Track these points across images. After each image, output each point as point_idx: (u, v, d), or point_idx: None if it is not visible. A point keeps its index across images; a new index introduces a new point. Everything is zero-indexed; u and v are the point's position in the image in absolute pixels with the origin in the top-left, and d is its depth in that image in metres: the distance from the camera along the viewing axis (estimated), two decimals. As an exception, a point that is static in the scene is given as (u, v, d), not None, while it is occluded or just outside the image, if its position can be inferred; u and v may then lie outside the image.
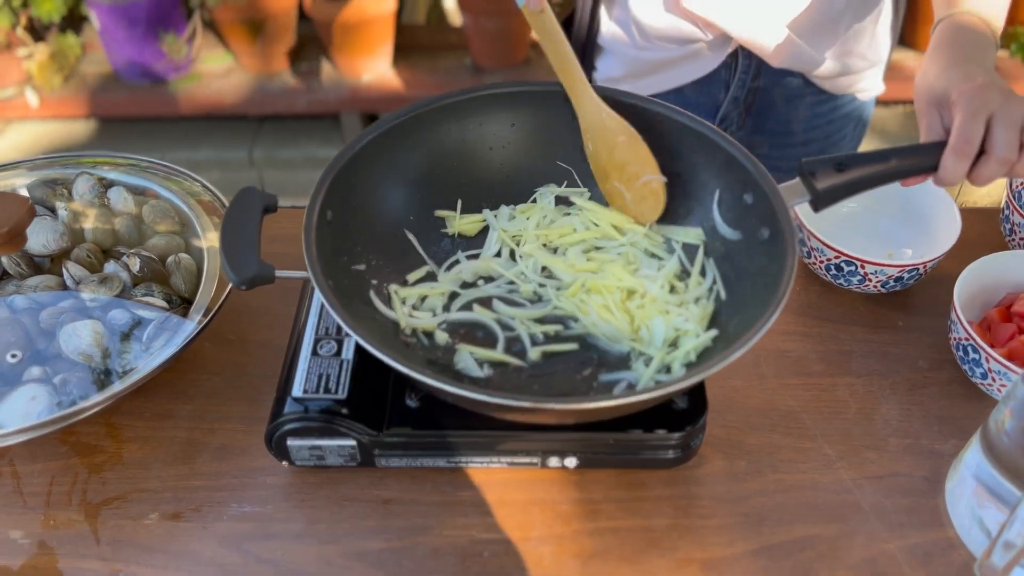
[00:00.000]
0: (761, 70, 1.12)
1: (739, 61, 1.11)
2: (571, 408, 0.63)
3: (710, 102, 1.16)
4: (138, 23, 2.37)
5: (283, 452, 0.72)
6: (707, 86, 1.14)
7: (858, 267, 0.85)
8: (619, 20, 1.14)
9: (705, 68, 1.12)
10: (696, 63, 1.12)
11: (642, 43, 1.12)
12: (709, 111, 1.17)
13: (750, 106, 1.16)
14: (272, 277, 0.67)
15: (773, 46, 1.06)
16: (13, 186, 0.91)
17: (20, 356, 0.73)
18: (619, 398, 0.62)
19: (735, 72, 1.12)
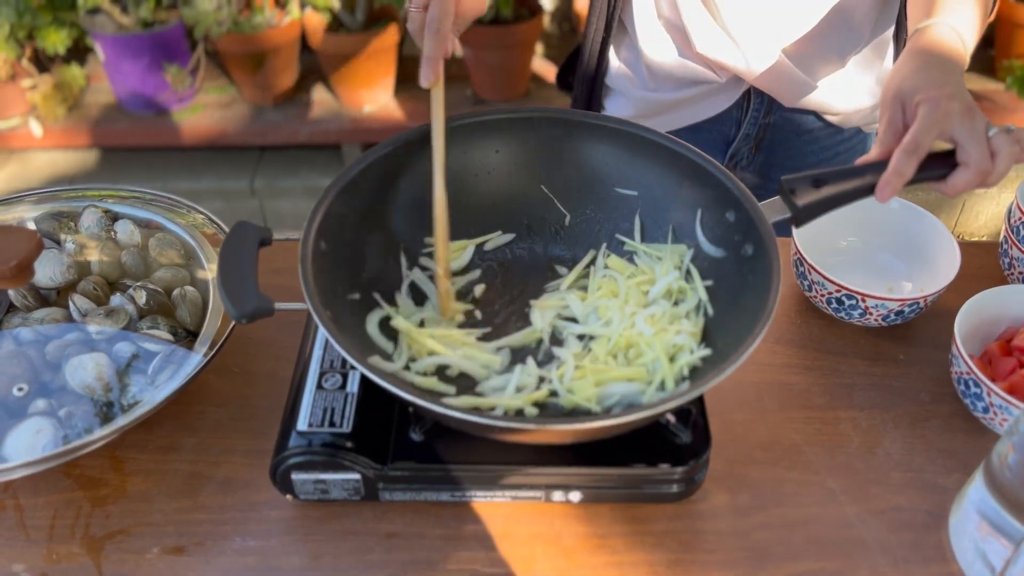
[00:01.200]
0: (773, 107, 1.13)
1: (751, 100, 1.12)
2: (572, 428, 0.63)
3: (721, 139, 1.17)
4: (142, 55, 2.40)
5: (287, 486, 0.72)
6: (718, 124, 1.16)
7: (859, 301, 0.86)
8: (628, 61, 1.15)
9: (716, 108, 1.13)
10: (707, 103, 1.13)
11: (652, 84, 1.14)
12: (720, 148, 1.18)
13: (760, 142, 1.17)
14: (272, 310, 0.67)
15: (787, 88, 1.08)
16: (20, 219, 0.92)
17: (27, 389, 0.74)
18: (617, 417, 0.62)
19: (747, 111, 1.13)
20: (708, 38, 1.05)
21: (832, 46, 1.04)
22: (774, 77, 1.06)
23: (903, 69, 0.76)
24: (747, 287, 0.73)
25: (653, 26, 1.10)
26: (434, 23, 0.77)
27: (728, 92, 1.12)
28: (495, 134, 0.88)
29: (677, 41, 1.09)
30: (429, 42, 0.77)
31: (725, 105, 1.13)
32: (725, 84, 1.10)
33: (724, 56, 1.05)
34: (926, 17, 0.80)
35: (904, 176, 0.70)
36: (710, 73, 1.09)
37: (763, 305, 0.67)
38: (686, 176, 0.82)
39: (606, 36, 1.12)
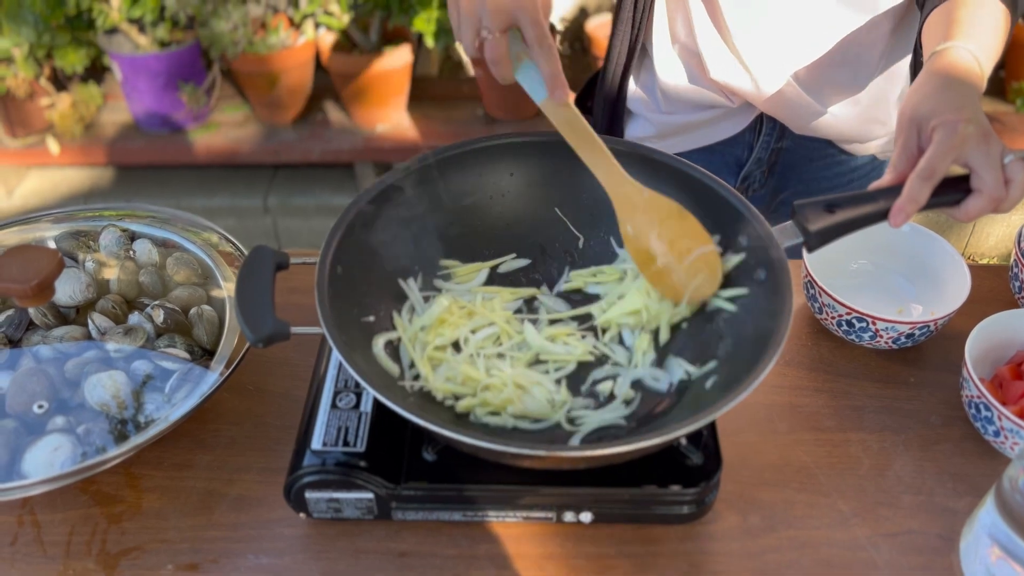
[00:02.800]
0: (785, 132, 1.14)
1: (763, 124, 1.13)
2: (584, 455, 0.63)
3: (733, 161, 1.18)
4: (159, 74, 2.43)
5: (301, 504, 0.73)
6: (731, 147, 1.17)
7: (869, 323, 0.86)
8: (645, 85, 1.17)
9: (730, 131, 1.14)
10: (721, 126, 1.14)
11: (667, 108, 1.15)
12: (732, 170, 1.19)
13: (773, 165, 1.18)
14: (288, 334, 0.68)
15: (795, 114, 1.09)
16: (40, 238, 0.93)
17: (47, 407, 0.75)
18: (629, 443, 0.62)
19: (759, 134, 1.14)
20: (721, 64, 1.06)
21: (842, 74, 1.05)
22: (783, 103, 1.07)
23: (919, 91, 0.75)
24: (759, 311, 0.73)
25: (668, 51, 1.11)
26: (544, 39, 0.76)
27: (741, 116, 1.13)
28: (509, 157, 0.89)
29: (691, 66, 1.10)
30: (546, 59, 0.77)
31: (738, 128, 1.14)
32: (738, 108, 1.11)
33: (736, 81, 1.06)
34: (944, 40, 0.79)
35: (918, 202, 0.70)
36: (722, 98, 1.10)
37: (776, 329, 0.67)
38: (699, 199, 0.83)
39: (628, 61, 1.13)
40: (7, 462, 0.72)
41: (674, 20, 1.09)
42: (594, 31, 2.61)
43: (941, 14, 0.84)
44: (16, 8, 2.29)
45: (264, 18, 2.43)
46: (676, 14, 1.08)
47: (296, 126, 2.63)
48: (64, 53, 2.39)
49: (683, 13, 1.07)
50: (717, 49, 1.05)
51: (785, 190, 1.22)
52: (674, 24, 1.09)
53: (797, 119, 1.10)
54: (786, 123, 1.11)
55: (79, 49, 2.43)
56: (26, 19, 2.29)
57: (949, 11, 0.84)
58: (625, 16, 1.10)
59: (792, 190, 1.22)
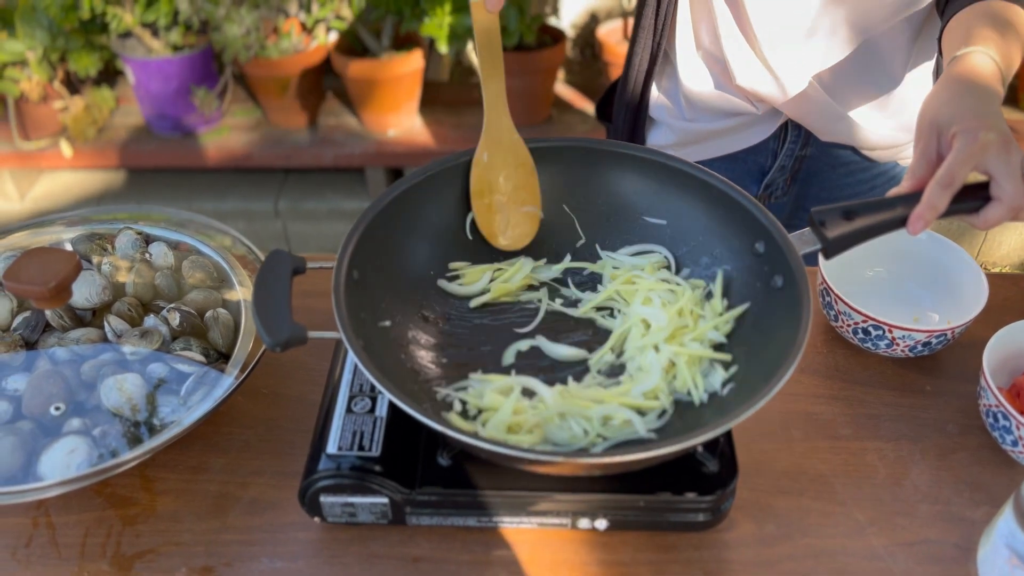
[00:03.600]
0: (810, 140, 1.14)
1: (788, 132, 1.13)
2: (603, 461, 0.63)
3: (757, 169, 1.18)
4: (171, 78, 2.44)
5: (316, 508, 0.73)
6: (755, 154, 1.16)
7: (886, 331, 0.86)
8: (668, 92, 1.17)
9: (754, 139, 1.14)
10: (745, 134, 1.14)
11: (691, 115, 1.15)
12: (755, 177, 1.19)
13: (796, 173, 1.18)
14: (305, 338, 0.68)
15: (821, 120, 1.08)
16: (55, 240, 0.94)
17: (64, 408, 0.75)
18: (647, 450, 0.62)
19: (784, 142, 1.14)
20: (747, 70, 1.05)
21: (867, 79, 1.05)
22: (808, 108, 1.07)
23: (939, 97, 0.75)
24: (776, 318, 0.73)
25: (692, 58, 1.11)
26: None
27: (766, 123, 1.12)
28: None
29: (716, 73, 1.10)
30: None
31: (762, 136, 1.13)
32: (763, 115, 1.11)
33: (761, 87, 1.06)
34: (963, 45, 0.79)
35: (937, 209, 0.70)
36: (748, 105, 1.10)
37: (793, 337, 0.67)
38: (715, 205, 0.83)
39: (650, 68, 1.13)
40: (23, 464, 0.72)
41: (698, 27, 1.09)
42: (605, 37, 2.61)
43: (961, 20, 0.84)
44: (30, 12, 2.31)
45: (276, 22, 2.44)
46: (701, 21, 1.08)
47: (307, 130, 2.63)
48: (78, 57, 2.40)
49: (708, 20, 1.06)
50: (743, 55, 1.05)
51: (807, 198, 1.22)
52: (698, 31, 1.09)
53: (823, 124, 1.09)
54: (811, 129, 1.11)
55: (92, 53, 2.44)
56: (40, 23, 2.30)
57: (969, 17, 0.83)
58: (647, 23, 1.09)
59: (814, 198, 1.21)
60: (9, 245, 0.94)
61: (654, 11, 1.08)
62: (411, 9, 2.34)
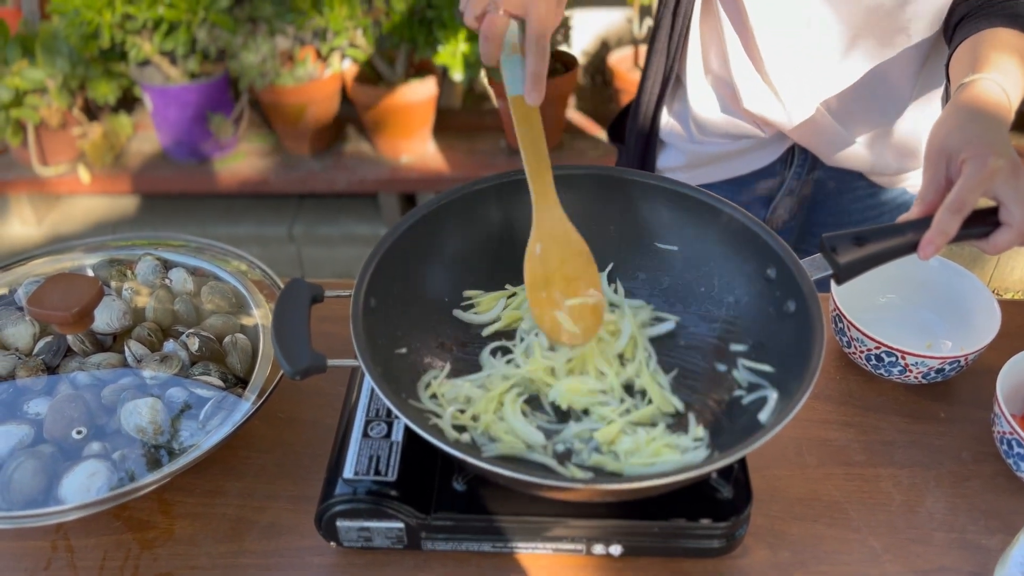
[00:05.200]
0: (816, 164, 1.15)
1: (795, 156, 1.14)
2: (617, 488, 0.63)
3: (764, 192, 1.19)
4: (188, 105, 2.48)
5: (332, 533, 0.73)
6: (762, 177, 1.17)
7: (899, 358, 0.86)
8: (678, 115, 1.18)
9: (761, 162, 1.15)
10: (753, 156, 1.15)
11: (700, 137, 1.16)
12: (763, 201, 1.20)
13: (803, 198, 1.19)
14: (324, 367, 0.69)
15: (825, 143, 1.09)
16: (76, 266, 0.95)
17: (85, 432, 0.76)
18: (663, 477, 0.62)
19: (791, 166, 1.15)
20: (754, 94, 1.07)
21: (873, 105, 1.06)
22: (814, 133, 1.08)
23: (947, 123, 0.76)
24: (789, 343, 0.74)
25: (701, 81, 1.13)
26: (542, 40, 0.76)
27: (773, 147, 1.13)
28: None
29: (724, 96, 1.12)
30: (537, 58, 0.77)
31: (769, 159, 1.14)
32: (770, 139, 1.12)
33: (768, 112, 1.07)
34: (971, 72, 0.80)
35: (948, 235, 0.70)
36: (755, 128, 1.11)
37: (807, 363, 0.67)
38: (726, 232, 0.84)
39: (662, 91, 1.14)
40: (44, 487, 0.73)
41: (708, 51, 1.11)
42: (616, 64, 2.63)
43: (969, 47, 0.85)
44: (51, 40, 2.35)
45: (292, 51, 2.47)
46: (711, 45, 1.10)
47: (322, 157, 2.66)
48: (97, 84, 2.44)
49: (718, 44, 1.08)
50: (751, 79, 1.07)
51: (815, 222, 1.23)
52: (708, 55, 1.11)
53: (828, 149, 1.10)
54: (817, 153, 1.12)
55: (111, 80, 2.48)
56: (61, 51, 2.34)
57: (976, 44, 0.85)
58: (660, 47, 1.11)
59: (822, 223, 1.22)
60: (29, 271, 0.95)
61: (667, 35, 1.10)
62: (425, 37, 2.37)
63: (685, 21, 1.09)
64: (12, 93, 2.36)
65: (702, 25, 1.10)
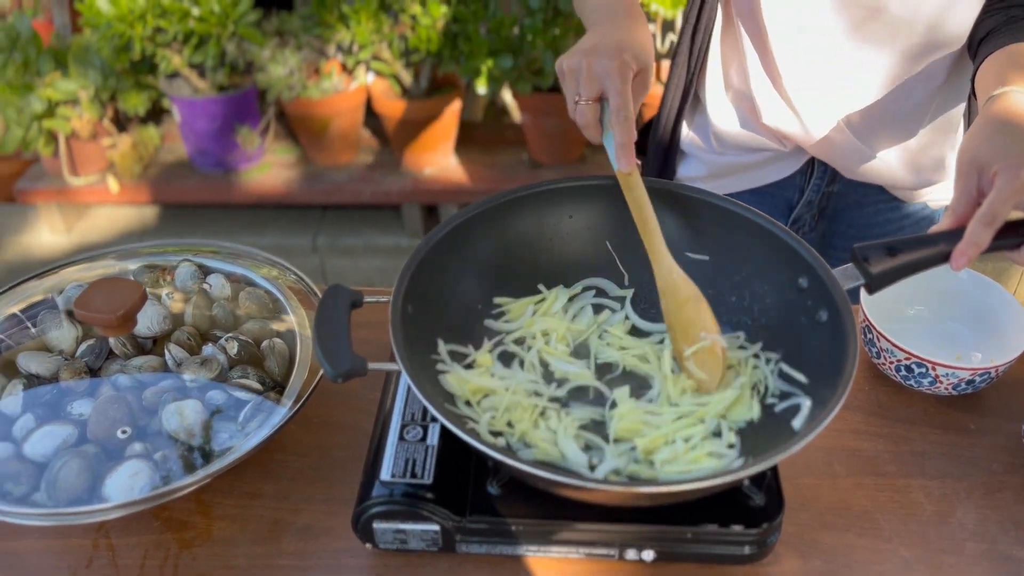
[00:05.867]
0: (836, 177, 1.16)
1: (815, 168, 1.15)
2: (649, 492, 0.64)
3: (784, 204, 1.20)
4: (216, 117, 2.51)
5: (368, 534, 0.75)
6: (782, 189, 1.18)
7: (929, 369, 0.86)
8: (698, 127, 1.20)
9: (782, 173, 1.16)
10: (772, 168, 1.16)
11: (719, 149, 1.17)
12: (783, 212, 1.21)
13: (823, 209, 1.20)
14: (365, 370, 0.70)
15: (845, 157, 1.10)
16: (123, 271, 0.97)
17: (130, 432, 0.78)
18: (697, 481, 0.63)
19: (811, 178, 1.16)
20: (773, 109, 1.08)
21: (893, 120, 1.07)
22: (832, 148, 1.09)
23: (978, 136, 0.77)
24: (822, 353, 0.74)
25: (721, 97, 1.14)
26: (621, 111, 0.81)
27: (792, 159, 1.15)
28: (568, 201, 0.91)
29: (744, 111, 1.13)
30: (621, 130, 0.81)
31: (789, 171, 1.15)
32: (790, 151, 1.13)
33: (787, 127, 1.08)
34: (1000, 85, 0.81)
35: (980, 246, 0.71)
36: (774, 142, 1.12)
37: (841, 371, 0.68)
38: (757, 241, 0.85)
39: (682, 105, 1.16)
40: (89, 486, 0.75)
41: (728, 67, 1.12)
42: (639, 78, 2.65)
43: (996, 60, 0.86)
44: (84, 52, 2.40)
45: (318, 64, 2.51)
46: (731, 61, 1.11)
47: (346, 168, 2.69)
48: (127, 96, 2.49)
49: (738, 61, 1.09)
50: (769, 95, 1.08)
51: (834, 234, 1.24)
52: (728, 71, 1.12)
53: (847, 163, 1.11)
54: (836, 167, 1.13)
55: (141, 92, 2.52)
56: (93, 63, 2.39)
57: (1002, 58, 0.85)
58: (680, 61, 1.13)
59: (841, 235, 1.23)
60: (64, 278, 0.96)
61: (687, 50, 1.12)
62: (450, 51, 2.40)
63: (706, 37, 1.10)
64: (45, 104, 2.41)
65: (723, 42, 1.12)
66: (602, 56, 0.82)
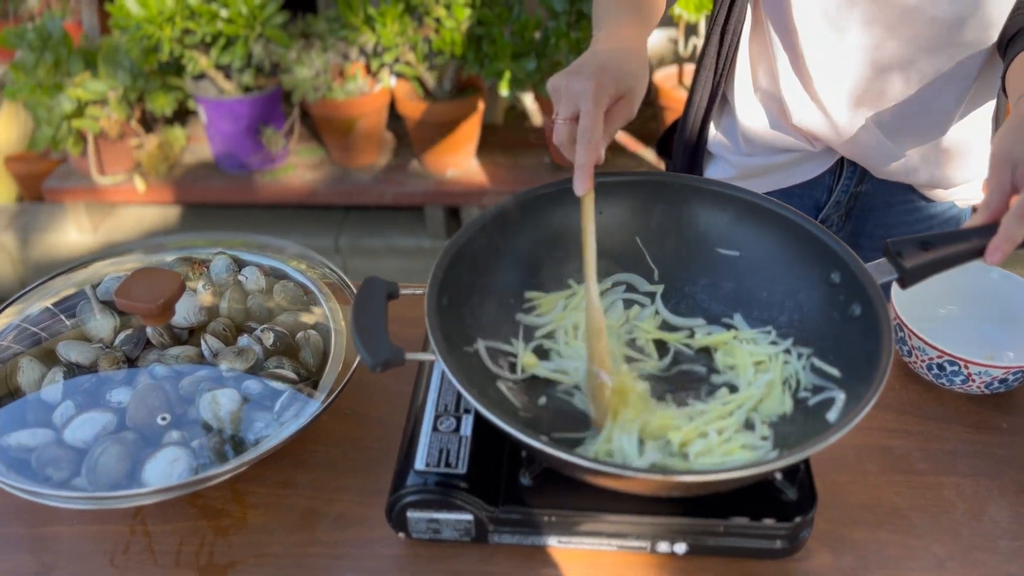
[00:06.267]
0: (865, 176, 1.16)
1: (844, 168, 1.15)
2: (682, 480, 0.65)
3: (812, 204, 1.20)
4: (242, 118, 2.54)
5: (402, 524, 0.75)
6: (810, 189, 1.19)
7: (961, 367, 0.86)
8: (726, 129, 1.20)
9: (810, 173, 1.16)
10: (800, 168, 1.16)
11: (747, 150, 1.18)
12: (810, 212, 1.21)
13: (851, 209, 1.20)
14: (403, 360, 0.71)
15: (877, 159, 1.10)
16: (161, 262, 0.98)
17: (169, 419, 0.79)
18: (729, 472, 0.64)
19: (839, 178, 1.16)
20: (802, 109, 1.08)
21: (922, 119, 1.07)
22: (862, 147, 1.09)
23: (1012, 132, 0.77)
24: (856, 347, 0.75)
25: (750, 98, 1.14)
26: (586, 133, 0.79)
27: (821, 159, 1.15)
28: (597, 197, 0.91)
29: (773, 112, 1.13)
30: (582, 151, 0.80)
31: (818, 171, 1.15)
32: (819, 151, 1.13)
33: (816, 127, 1.08)
34: None
35: (1015, 241, 0.71)
36: (804, 143, 1.12)
37: (876, 364, 0.68)
38: (788, 236, 0.85)
39: (709, 106, 1.16)
40: (128, 471, 0.76)
41: (756, 68, 1.12)
42: (661, 82, 2.66)
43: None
44: (113, 53, 2.43)
45: (343, 66, 2.53)
46: (759, 62, 1.11)
47: (369, 170, 2.71)
48: (155, 97, 2.52)
49: (767, 62, 1.10)
50: (799, 96, 1.08)
51: (862, 234, 1.23)
52: (756, 72, 1.12)
53: (877, 163, 1.11)
54: (865, 166, 1.13)
55: (168, 93, 2.55)
56: (122, 64, 2.42)
57: None
58: (708, 63, 1.13)
59: (869, 235, 1.23)
60: (95, 272, 0.97)
61: (715, 51, 1.12)
62: (474, 54, 2.41)
63: (734, 39, 1.11)
64: (74, 104, 2.44)
65: (751, 43, 1.12)
66: (580, 77, 0.81)
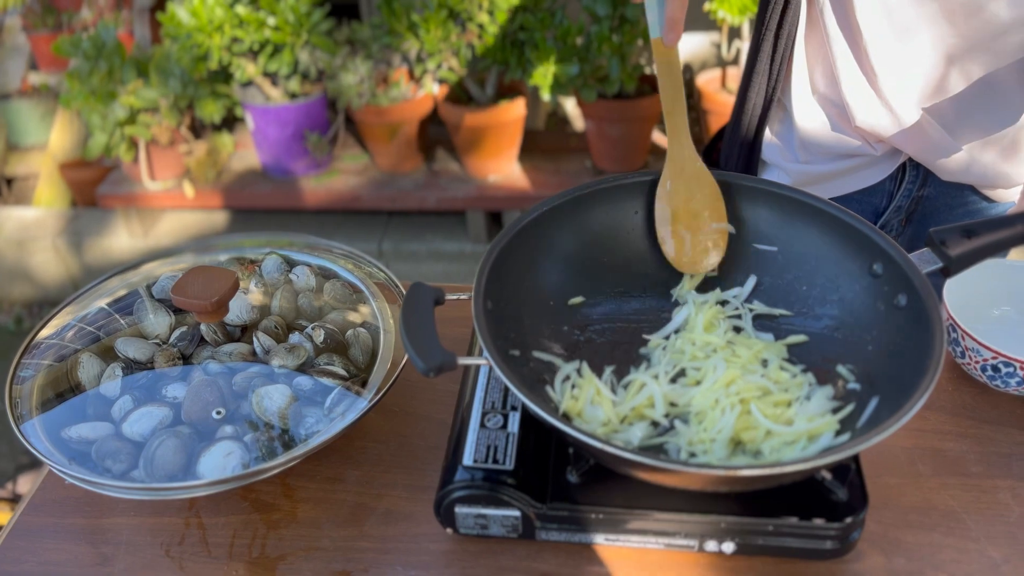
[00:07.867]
0: (927, 180, 1.13)
1: (906, 172, 1.13)
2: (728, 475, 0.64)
3: (871, 210, 1.18)
4: (288, 124, 2.58)
5: (450, 519, 0.76)
6: (870, 195, 1.16)
7: (1017, 368, 0.84)
8: (781, 135, 1.18)
9: (871, 180, 1.14)
10: (861, 175, 1.14)
11: (805, 157, 1.15)
12: (869, 218, 1.18)
13: (911, 214, 1.17)
14: (455, 364, 0.71)
15: (948, 162, 1.08)
16: (216, 261, 1.01)
17: (224, 413, 0.81)
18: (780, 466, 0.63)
19: (901, 183, 1.14)
20: (866, 108, 1.06)
21: (983, 113, 1.04)
22: (929, 145, 1.06)
23: None
24: (904, 339, 0.74)
25: (808, 102, 1.12)
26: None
27: (883, 164, 1.12)
28: (636, 196, 0.92)
29: (832, 115, 1.11)
30: (673, 3, 0.83)
31: (879, 177, 1.13)
32: (880, 156, 1.11)
33: (880, 126, 1.06)
34: None
35: None
36: (866, 146, 1.10)
37: (929, 353, 0.67)
38: (827, 230, 0.84)
39: (764, 113, 1.15)
40: (184, 464, 0.78)
41: (814, 71, 1.10)
42: (704, 86, 2.64)
43: None
44: (164, 62, 2.49)
45: (387, 72, 2.56)
46: (816, 65, 1.09)
47: (412, 175, 2.73)
48: (204, 104, 2.57)
49: (824, 63, 1.08)
50: (864, 96, 1.05)
51: (922, 239, 1.21)
52: (814, 74, 1.10)
53: (944, 163, 1.09)
54: (931, 167, 1.10)
55: (217, 100, 2.61)
56: (173, 72, 2.48)
57: None
58: (761, 68, 1.11)
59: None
60: (149, 272, 1.00)
61: (769, 57, 1.10)
62: (517, 59, 2.43)
63: (789, 43, 1.09)
64: (127, 111, 2.50)
65: (807, 45, 1.10)
66: None
